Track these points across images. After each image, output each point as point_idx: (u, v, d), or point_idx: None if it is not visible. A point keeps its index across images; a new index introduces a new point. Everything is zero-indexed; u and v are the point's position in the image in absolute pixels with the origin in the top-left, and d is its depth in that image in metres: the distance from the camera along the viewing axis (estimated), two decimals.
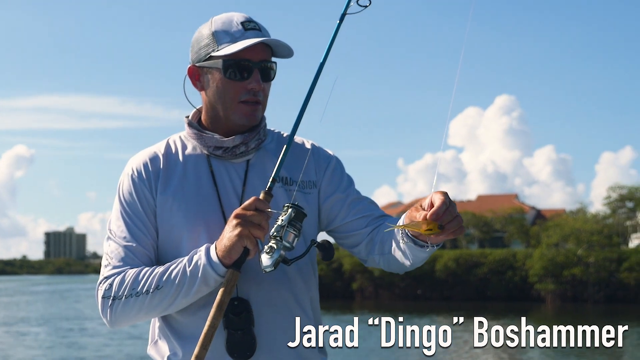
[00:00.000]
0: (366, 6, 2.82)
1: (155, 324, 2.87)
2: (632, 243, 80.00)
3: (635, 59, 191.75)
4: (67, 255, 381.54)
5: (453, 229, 2.44)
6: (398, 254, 2.72)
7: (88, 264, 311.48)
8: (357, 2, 2.82)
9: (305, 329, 2.77)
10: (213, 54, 2.77)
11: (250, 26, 2.77)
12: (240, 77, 2.75)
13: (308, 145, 2.96)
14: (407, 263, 2.71)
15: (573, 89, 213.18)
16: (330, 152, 2.99)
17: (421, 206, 2.50)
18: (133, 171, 2.84)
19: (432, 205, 2.45)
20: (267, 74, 2.81)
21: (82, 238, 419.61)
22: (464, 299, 61.71)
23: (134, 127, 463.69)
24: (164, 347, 2.80)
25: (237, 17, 2.79)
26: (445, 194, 2.44)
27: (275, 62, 2.83)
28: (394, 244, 2.73)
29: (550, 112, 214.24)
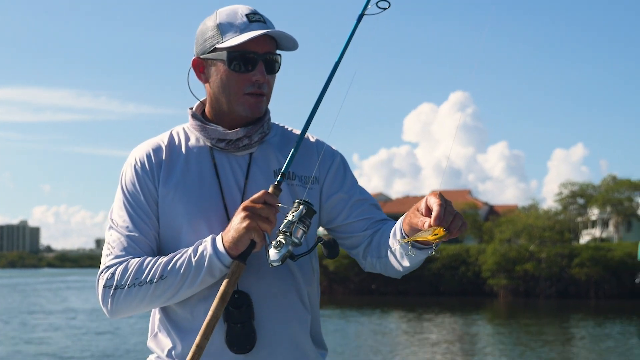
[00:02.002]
0: (385, 8, 2.80)
1: (155, 316, 2.86)
2: (583, 239, 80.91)
3: (588, 57, 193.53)
4: (20, 248, 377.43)
5: (457, 227, 2.45)
6: (396, 257, 2.72)
7: (42, 258, 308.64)
8: (376, 4, 2.80)
9: (304, 323, 2.81)
10: (217, 45, 2.76)
11: (254, 18, 2.76)
12: (244, 69, 2.74)
13: (313, 140, 2.95)
14: (406, 264, 2.71)
15: (526, 87, 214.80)
16: (334, 148, 2.99)
17: (417, 210, 2.51)
18: (136, 162, 2.82)
19: (428, 208, 2.46)
20: (272, 66, 2.79)
21: (35, 231, 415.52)
22: (417, 294, 61.89)
23: (89, 120, 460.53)
24: (164, 340, 2.80)
25: (241, 9, 2.78)
26: (439, 195, 2.44)
27: (280, 55, 2.82)
28: (390, 255, 2.74)
29: (503, 109, 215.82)
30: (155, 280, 2.63)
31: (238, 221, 2.58)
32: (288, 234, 2.55)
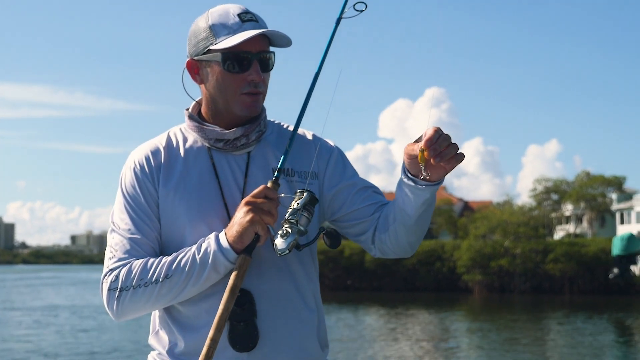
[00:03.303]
0: (362, 10, 2.83)
1: (156, 314, 2.87)
2: (557, 234, 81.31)
3: (561, 53, 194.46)
4: None
5: (450, 154, 2.49)
6: (403, 211, 2.72)
7: (16, 254, 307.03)
8: (353, 6, 2.83)
9: (307, 320, 2.82)
10: (211, 47, 2.76)
11: (247, 17, 2.76)
12: (239, 69, 2.75)
13: (309, 137, 2.96)
14: (411, 212, 2.71)
15: (501, 82, 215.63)
16: (331, 143, 3.00)
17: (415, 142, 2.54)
18: (135, 164, 2.83)
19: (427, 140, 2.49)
20: (266, 65, 2.80)
21: (10, 228, 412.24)
22: (393, 289, 62.05)
23: (64, 116, 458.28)
24: (165, 338, 2.80)
25: (233, 9, 2.78)
26: (437, 128, 2.49)
27: (273, 52, 2.83)
28: (397, 207, 2.75)
29: (478, 104, 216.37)
30: (160, 280, 2.65)
31: (241, 215, 2.61)
32: (294, 222, 2.58)
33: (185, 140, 2.88)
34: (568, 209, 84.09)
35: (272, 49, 2.84)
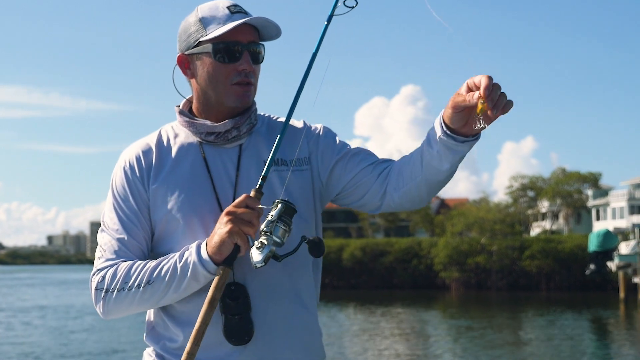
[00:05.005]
0: (353, 7, 2.81)
1: (151, 310, 2.88)
2: (534, 231, 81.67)
3: (537, 50, 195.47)
4: None
5: (504, 103, 2.42)
6: (433, 167, 2.66)
7: None
8: (344, 3, 2.81)
9: (302, 313, 2.81)
10: (202, 39, 2.76)
11: (236, 9, 2.78)
12: (230, 59, 2.75)
13: (299, 125, 2.95)
14: (445, 167, 2.63)
15: None
16: (319, 125, 2.99)
17: (457, 94, 2.47)
18: (125, 164, 2.84)
19: (475, 86, 2.43)
20: (256, 57, 2.81)
21: None
22: (370, 287, 62.24)
23: (40, 116, 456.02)
24: (161, 334, 2.81)
25: (222, 2, 2.80)
26: (489, 76, 2.41)
27: (263, 45, 2.84)
28: (423, 163, 2.68)
29: None
30: (142, 285, 2.66)
31: (221, 226, 2.60)
32: (269, 233, 2.55)
33: (176, 136, 2.88)
34: (544, 205, 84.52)
35: (262, 43, 2.85)
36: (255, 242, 2.57)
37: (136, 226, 2.78)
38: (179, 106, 2.93)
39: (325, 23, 2.83)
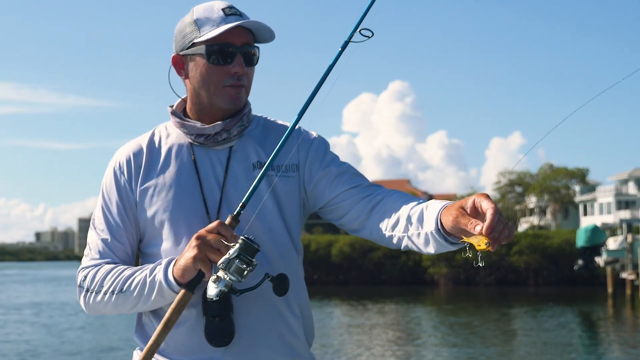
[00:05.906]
0: (369, 37, 2.83)
1: None
2: (522, 227, 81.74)
3: (524, 47, 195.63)
4: None
5: (505, 238, 2.38)
6: (413, 242, 2.64)
7: None
8: (359, 32, 2.82)
9: (286, 316, 2.81)
10: (196, 40, 2.78)
11: (231, 12, 2.79)
12: (223, 61, 2.77)
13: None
14: (431, 251, 2.62)
15: (464, 76, 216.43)
16: (314, 134, 2.98)
17: (462, 208, 2.42)
18: (116, 164, 2.88)
19: (475, 209, 2.40)
20: (250, 59, 2.82)
21: None
22: (359, 283, 62.20)
23: (28, 112, 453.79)
24: (148, 333, 2.83)
25: (217, 4, 2.82)
26: (488, 198, 2.37)
27: (257, 48, 2.85)
28: (412, 234, 2.65)
29: (442, 98, 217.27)
30: (115, 292, 2.72)
31: (189, 250, 2.60)
32: (226, 270, 2.53)
33: (168, 136, 2.91)
34: (532, 201, 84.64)
35: (256, 45, 2.86)
36: (213, 275, 2.55)
37: (121, 228, 2.82)
38: (172, 106, 2.95)
39: (340, 49, 2.83)
